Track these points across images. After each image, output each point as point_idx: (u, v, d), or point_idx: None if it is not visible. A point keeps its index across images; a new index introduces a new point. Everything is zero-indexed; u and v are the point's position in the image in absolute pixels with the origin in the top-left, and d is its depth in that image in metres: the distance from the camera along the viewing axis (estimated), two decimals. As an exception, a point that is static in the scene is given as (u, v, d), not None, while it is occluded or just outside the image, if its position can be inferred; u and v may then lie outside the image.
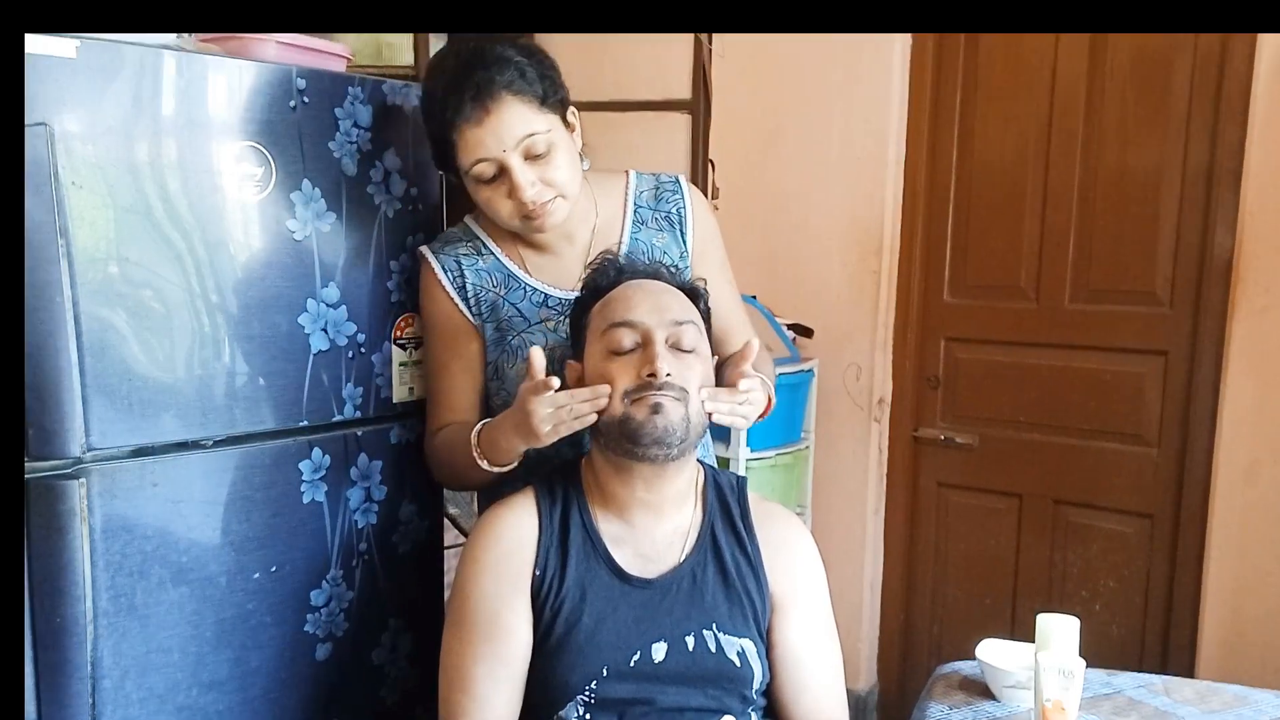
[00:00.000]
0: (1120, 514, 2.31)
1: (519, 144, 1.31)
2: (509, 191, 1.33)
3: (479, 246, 1.48)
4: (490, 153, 1.31)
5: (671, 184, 1.51)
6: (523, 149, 1.31)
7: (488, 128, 1.29)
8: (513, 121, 1.30)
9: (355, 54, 1.68)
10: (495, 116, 1.29)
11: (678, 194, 1.50)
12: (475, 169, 1.33)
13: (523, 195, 1.32)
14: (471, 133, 1.30)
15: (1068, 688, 1.25)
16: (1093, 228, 2.28)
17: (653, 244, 1.48)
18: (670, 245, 1.48)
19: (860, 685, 2.63)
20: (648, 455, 1.20)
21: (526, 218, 1.35)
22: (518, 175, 1.31)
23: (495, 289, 1.46)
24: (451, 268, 1.46)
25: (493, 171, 1.33)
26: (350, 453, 1.55)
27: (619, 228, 1.48)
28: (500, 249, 1.47)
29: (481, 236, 1.49)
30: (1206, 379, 2.15)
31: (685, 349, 1.24)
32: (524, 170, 1.32)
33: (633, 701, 1.21)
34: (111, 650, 1.33)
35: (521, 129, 1.30)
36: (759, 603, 1.28)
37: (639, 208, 1.49)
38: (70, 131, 1.25)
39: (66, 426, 1.28)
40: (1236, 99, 2.07)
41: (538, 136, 1.31)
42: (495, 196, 1.35)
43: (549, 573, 1.25)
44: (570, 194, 1.37)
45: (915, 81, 2.45)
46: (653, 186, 1.51)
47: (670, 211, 1.49)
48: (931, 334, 2.53)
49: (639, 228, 1.48)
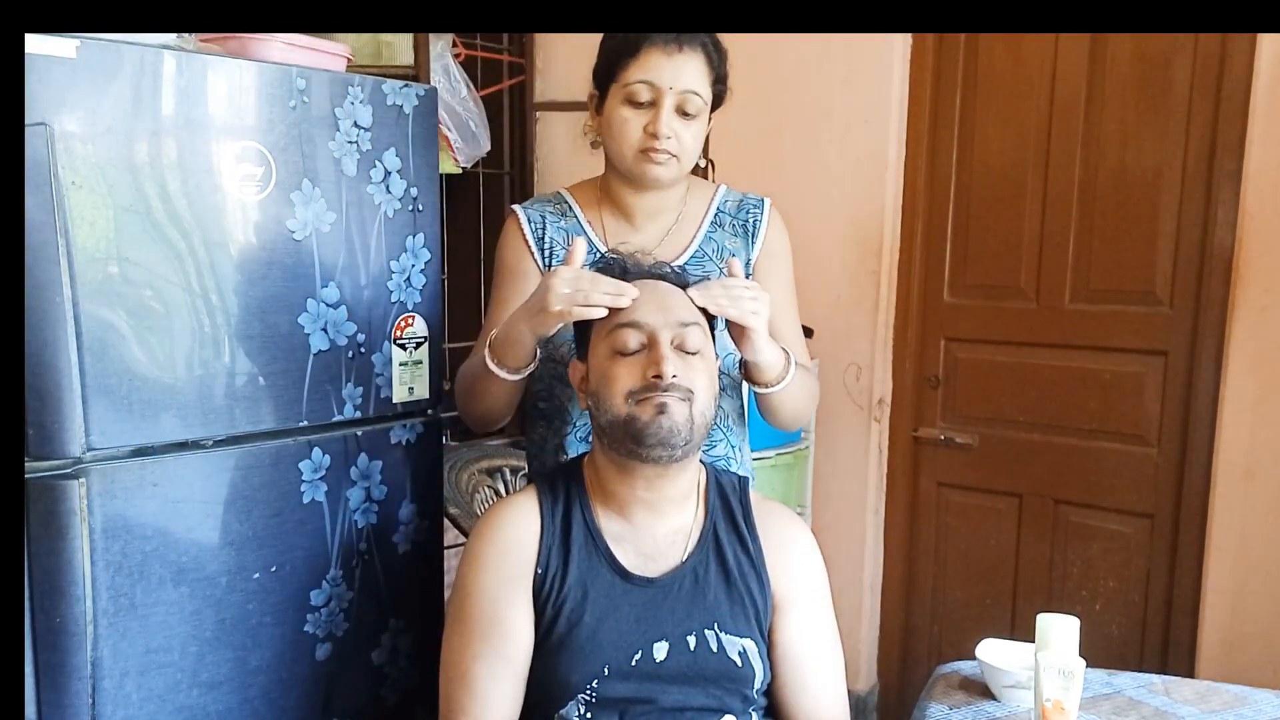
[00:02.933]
0: (1120, 514, 2.31)
1: (682, 92, 1.39)
2: (648, 123, 1.39)
3: (565, 209, 1.53)
4: (660, 81, 1.38)
5: (756, 200, 1.57)
6: (681, 99, 1.39)
7: (672, 61, 1.39)
8: (692, 71, 1.40)
9: (355, 54, 1.68)
10: (684, 56, 1.39)
11: (759, 209, 1.56)
12: (634, 87, 1.39)
13: (659, 129, 1.38)
14: (655, 57, 1.39)
15: (1068, 688, 1.25)
16: (1093, 228, 2.28)
17: (724, 245, 1.53)
18: (740, 250, 1.53)
19: (860, 685, 2.63)
20: (652, 456, 1.20)
21: (644, 153, 1.41)
22: (665, 115, 1.39)
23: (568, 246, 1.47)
24: (535, 220, 1.51)
25: (646, 98, 1.39)
26: (350, 453, 1.55)
27: (698, 223, 1.53)
28: (585, 214, 1.52)
29: (569, 202, 1.54)
30: (1206, 379, 2.15)
31: (690, 350, 1.24)
32: (671, 115, 1.40)
33: (634, 701, 1.21)
34: (111, 650, 1.33)
35: (693, 82, 1.40)
36: (761, 602, 1.28)
37: (720, 212, 1.55)
38: (70, 131, 1.25)
39: (66, 426, 1.28)
40: (1236, 99, 2.07)
41: (697, 99, 1.40)
42: (633, 119, 1.40)
43: (551, 571, 1.25)
44: (685, 163, 1.44)
45: (915, 81, 2.45)
46: (738, 200, 1.57)
47: (747, 221, 1.54)
48: (931, 334, 2.53)
49: (715, 229, 1.53)
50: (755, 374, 1.37)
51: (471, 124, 2.60)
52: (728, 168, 2.65)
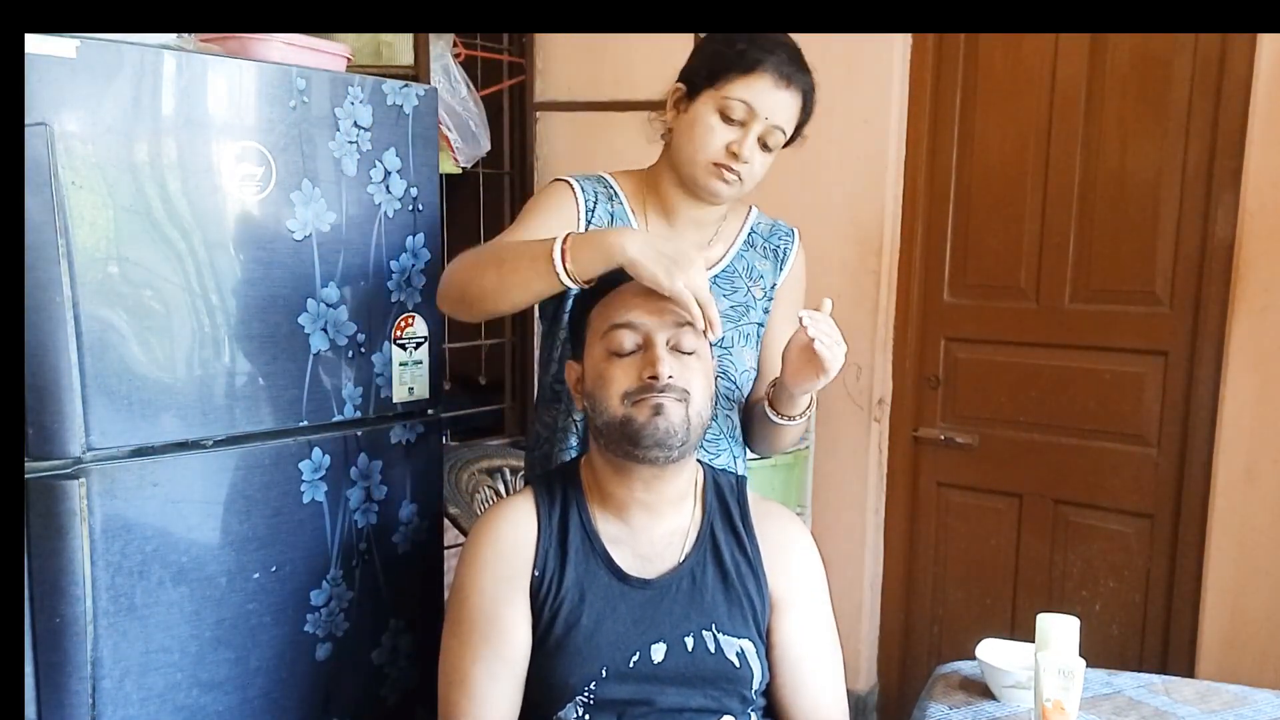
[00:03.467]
0: (1120, 514, 2.31)
1: (772, 126, 1.41)
2: (733, 141, 1.40)
3: (613, 194, 1.51)
4: (758, 106, 1.39)
5: (788, 229, 1.60)
6: (767, 131, 1.41)
7: (776, 92, 1.40)
8: (788, 108, 1.42)
9: (355, 54, 1.69)
10: (787, 93, 1.41)
11: (790, 238, 1.59)
12: (734, 103, 1.39)
13: (741, 150, 1.39)
14: (764, 82, 1.39)
15: (1068, 688, 1.25)
16: (1093, 228, 2.28)
17: (754, 265, 1.55)
18: (768, 272, 1.55)
19: (860, 685, 2.63)
20: (648, 457, 1.20)
21: (716, 167, 1.41)
22: (750, 138, 1.40)
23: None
24: (589, 193, 1.48)
25: (740, 116, 1.40)
26: (350, 453, 1.55)
27: (732, 240, 1.54)
28: (630, 203, 1.51)
29: (616, 187, 1.52)
30: (1206, 379, 2.15)
31: (686, 351, 1.24)
32: (754, 142, 1.41)
33: (632, 702, 1.21)
34: (111, 650, 1.33)
35: (784, 118, 1.42)
36: (758, 603, 1.28)
37: (754, 233, 1.57)
38: (70, 131, 1.25)
39: (66, 426, 1.28)
40: (1236, 99, 2.06)
41: (780, 136, 1.43)
42: (720, 131, 1.40)
43: (548, 573, 1.25)
44: (746, 189, 1.45)
45: (915, 81, 2.45)
46: (770, 224, 1.60)
47: (778, 247, 1.57)
48: (931, 334, 2.53)
49: (748, 248, 1.55)
50: (788, 406, 1.40)
51: (471, 124, 2.60)
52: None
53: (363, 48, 2.44)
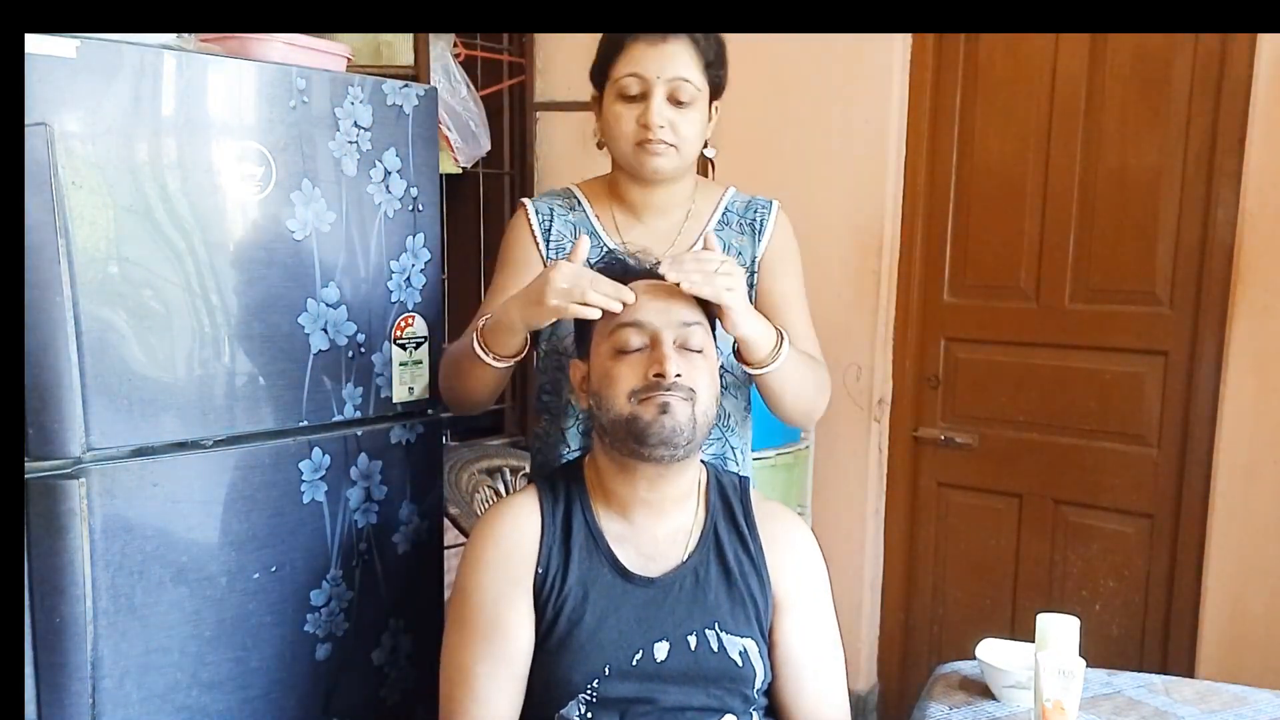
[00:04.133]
0: (1120, 514, 2.31)
1: (671, 81, 1.39)
2: (640, 115, 1.39)
3: (574, 203, 1.53)
4: (646, 72, 1.38)
5: (765, 201, 1.57)
6: (671, 87, 1.39)
7: (657, 50, 1.39)
8: (678, 59, 1.39)
9: (355, 54, 1.69)
10: (668, 45, 1.39)
11: (766, 209, 1.56)
12: (624, 80, 1.40)
13: (651, 119, 1.38)
14: (641, 49, 1.39)
15: (1068, 688, 1.25)
16: (1093, 228, 2.28)
17: (730, 243, 1.52)
18: (746, 248, 1.53)
19: (860, 685, 2.63)
20: (654, 455, 1.20)
21: (640, 145, 1.41)
22: (656, 104, 1.39)
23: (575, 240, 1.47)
24: (544, 211, 1.51)
25: (636, 90, 1.39)
26: (350, 453, 1.55)
27: (705, 220, 1.53)
28: (594, 209, 1.52)
29: (579, 195, 1.54)
30: (1206, 379, 2.15)
31: (693, 349, 1.24)
32: (663, 105, 1.39)
33: (635, 701, 1.21)
34: (111, 650, 1.33)
35: (681, 70, 1.39)
36: (761, 602, 1.28)
37: (728, 211, 1.55)
38: (70, 131, 1.25)
39: (66, 426, 1.28)
40: (1236, 99, 2.07)
41: (688, 86, 1.40)
42: (626, 113, 1.41)
43: (551, 571, 1.25)
44: (685, 154, 1.44)
45: (915, 81, 2.45)
46: (746, 200, 1.57)
47: (754, 220, 1.54)
48: (931, 334, 2.53)
49: (723, 227, 1.53)
50: (744, 352, 1.33)
51: (471, 124, 2.60)
52: (728, 167, 2.65)
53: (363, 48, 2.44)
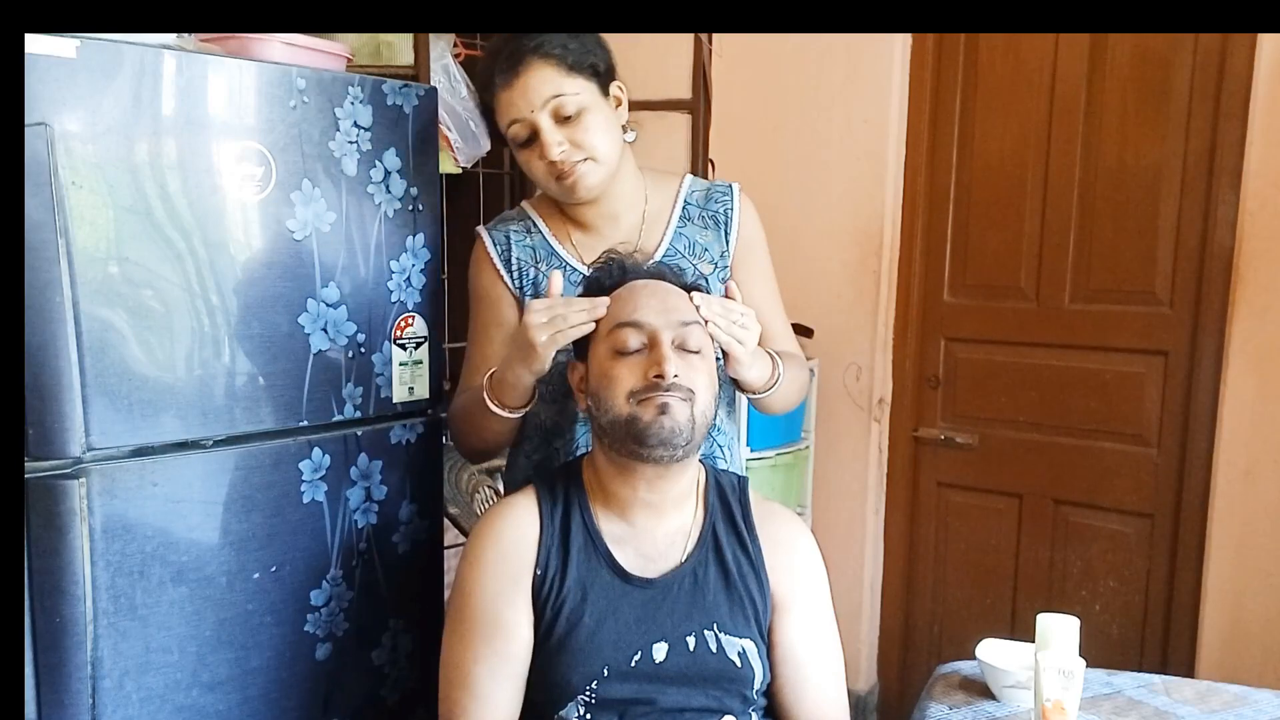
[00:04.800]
0: (1120, 514, 2.31)
1: (546, 104, 1.35)
2: (541, 152, 1.37)
3: (529, 225, 1.52)
4: (520, 113, 1.36)
5: (724, 188, 1.55)
6: (551, 109, 1.36)
7: (517, 89, 1.36)
8: (539, 83, 1.35)
9: (355, 54, 1.69)
10: (523, 79, 1.35)
11: (728, 197, 1.53)
12: (511, 130, 1.38)
13: (549, 154, 1.36)
14: (504, 95, 1.37)
15: (1068, 688, 1.25)
16: (1093, 228, 2.28)
17: (696, 240, 1.50)
18: (713, 243, 1.51)
19: (860, 685, 2.63)
20: (653, 456, 1.20)
21: (558, 178, 1.39)
22: (546, 134, 1.36)
23: (536, 264, 1.49)
24: (500, 241, 1.51)
25: (526, 133, 1.37)
26: (350, 453, 1.55)
27: (666, 219, 1.51)
28: (549, 228, 1.51)
29: (533, 216, 1.53)
30: (1206, 379, 2.15)
31: (691, 349, 1.24)
32: (552, 130, 1.36)
33: (633, 701, 1.21)
34: (111, 650, 1.33)
35: (548, 90, 1.35)
36: (760, 603, 1.28)
37: (688, 205, 1.53)
38: (70, 131, 1.25)
39: (66, 426, 1.28)
40: (1236, 99, 2.07)
41: (565, 98, 1.36)
42: (531, 158, 1.39)
43: (550, 572, 1.25)
44: (603, 159, 1.40)
45: (915, 81, 2.45)
46: (705, 189, 1.55)
47: (718, 212, 1.52)
48: (931, 334, 2.53)
49: (685, 223, 1.51)
50: (742, 384, 1.39)
51: (471, 124, 2.59)
52: (728, 168, 2.65)
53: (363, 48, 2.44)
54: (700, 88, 2.64)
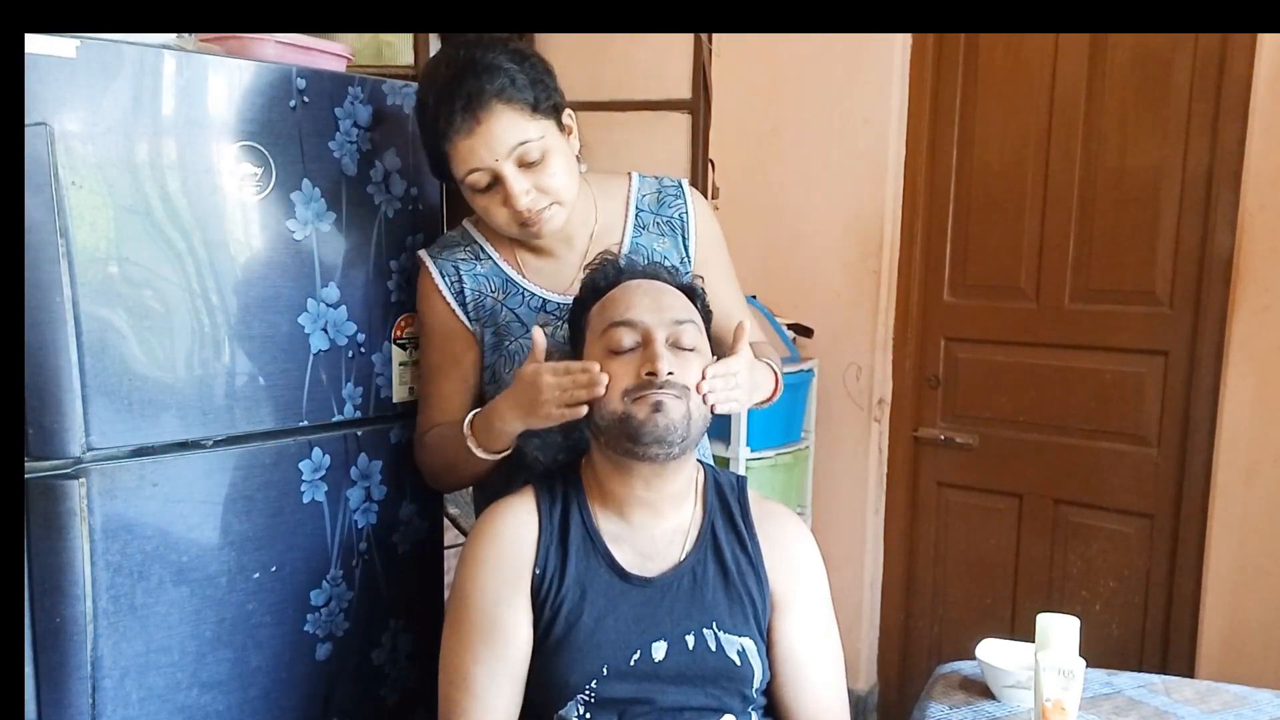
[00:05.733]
0: (1120, 514, 2.31)
1: (511, 153, 1.30)
2: (504, 199, 1.33)
3: (477, 251, 1.48)
4: (483, 163, 1.30)
5: (674, 188, 1.51)
6: (515, 157, 1.30)
7: (479, 137, 1.28)
8: (504, 131, 1.29)
9: (355, 54, 1.68)
10: (486, 126, 1.28)
11: (680, 199, 1.50)
12: (470, 179, 1.32)
13: (517, 204, 1.32)
14: (464, 143, 1.29)
15: (1068, 688, 1.25)
16: (1093, 228, 2.28)
17: (653, 249, 1.48)
18: (670, 251, 1.48)
19: (860, 685, 2.63)
20: (648, 454, 1.20)
21: (524, 225, 1.35)
22: (512, 184, 1.31)
23: (493, 294, 1.46)
24: (450, 273, 1.46)
25: (487, 181, 1.32)
26: (350, 453, 1.55)
27: (619, 231, 1.47)
28: (499, 253, 1.47)
29: (480, 241, 1.48)
30: (1206, 379, 2.15)
31: (685, 347, 1.24)
32: (518, 179, 1.31)
33: (633, 701, 1.21)
34: (111, 650, 1.33)
35: (514, 137, 1.29)
36: (759, 602, 1.28)
37: (640, 211, 1.49)
38: (70, 131, 1.25)
39: (66, 426, 1.28)
40: (1236, 99, 2.07)
41: (530, 144, 1.30)
42: (491, 205, 1.34)
43: (549, 571, 1.25)
44: (567, 200, 1.36)
45: (915, 81, 2.45)
46: (655, 190, 1.50)
47: (672, 216, 1.49)
48: (931, 334, 2.53)
49: (640, 232, 1.48)
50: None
51: (471, 124, 2.59)
52: (728, 168, 2.65)
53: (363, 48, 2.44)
54: (700, 88, 2.64)
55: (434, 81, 1.32)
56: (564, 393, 1.21)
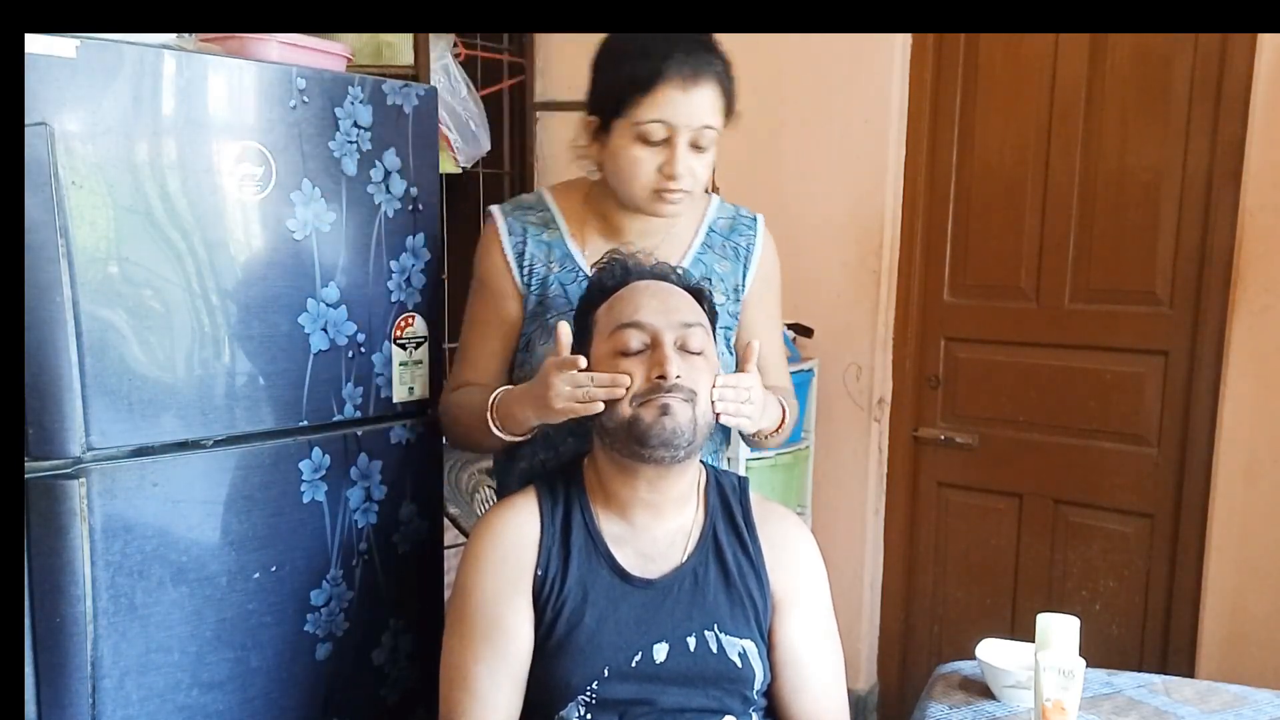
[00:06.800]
0: (1120, 514, 2.31)
1: (698, 130, 1.32)
2: (663, 163, 1.33)
3: (549, 219, 1.47)
4: (674, 119, 1.31)
5: (750, 220, 1.53)
6: (696, 135, 1.33)
7: (688, 97, 1.30)
8: (708, 106, 1.32)
9: (355, 54, 1.68)
10: (699, 92, 1.31)
11: (752, 230, 1.52)
12: (649, 127, 1.31)
13: (675, 170, 1.32)
14: (668, 93, 1.30)
15: (1068, 688, 1.25)
16: (1093, 228, 2.28)
17: (714, 268, 1.48)
18: (729, 275, 1.49)
19: (860, 685, 2.63)
20: (654, 457, 1.20)
21: (658, 192, 1.35)
22: (680, 154, 1.32)
23: (550, 264, 1.45)
24: (516, 231, 1.46)
25: (660, 136, 1.32)
26: (350, 453, 1.55)
27: (687, 244, 1.48)
28: (569, 228, 1.47)
29: (553, 210, 1.48)
30: (1206, 379, 2.15)
31: (693, 351, 1.24)
32: (687, 155, 1.33)
33: (634, 702, 1.21)
34: (111, 650, 1.33)
35: (709, 118, 1.32)
36: (760, 603, 1.28)
37: (712, 232, 1.50)
38: (70, 131, 1.25)
39: (66, 426, 1.28)
40: (1236, 99, 2.06)
41: (711, 132, 1.34)
42: (646, 158, 1.33)
43: (550, 572, 1.25)
44: (697, 194, 1.40)
45: (915, 81, 2.45)
46: (731, 216, 1.52)
47: (740, 244, 1.50)
48: (931, 334, 2.53)
49: (706, 250, 1.49)
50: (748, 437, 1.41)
51: (471, 124, 2.60)
52: (728, 168, 2.64)
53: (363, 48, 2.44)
54: (700, 88, 2.63)
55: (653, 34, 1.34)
56: (578, 388, 1.21)
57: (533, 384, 1.28)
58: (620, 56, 1.35)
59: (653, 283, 1.29)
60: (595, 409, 1.21)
